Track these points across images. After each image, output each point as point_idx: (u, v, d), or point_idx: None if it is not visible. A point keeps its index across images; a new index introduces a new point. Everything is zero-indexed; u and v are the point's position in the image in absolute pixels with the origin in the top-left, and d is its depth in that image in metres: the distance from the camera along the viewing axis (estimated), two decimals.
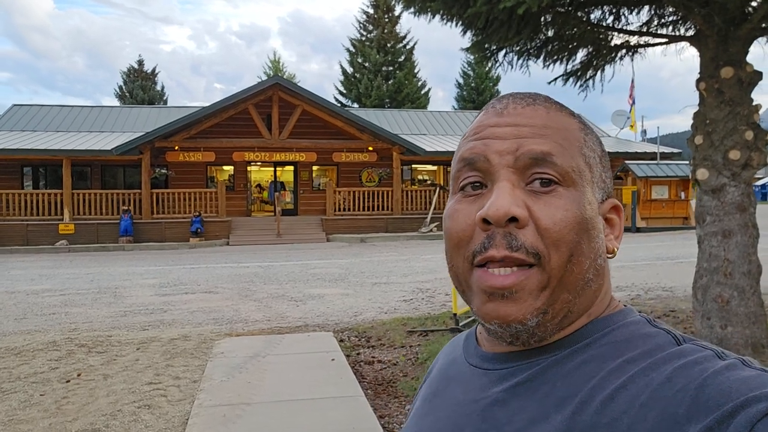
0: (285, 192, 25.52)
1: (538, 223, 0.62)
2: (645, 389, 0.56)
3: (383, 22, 40.16)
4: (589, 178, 0.67)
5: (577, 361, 0.63)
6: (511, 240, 0.62)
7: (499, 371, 0.68)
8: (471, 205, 0.66)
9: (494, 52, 5.82)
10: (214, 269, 13.65)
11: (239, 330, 7.39)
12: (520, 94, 0.71)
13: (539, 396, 0.62)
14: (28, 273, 13.52)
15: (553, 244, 0.62)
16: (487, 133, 0.67)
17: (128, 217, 19.97)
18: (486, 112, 0.70)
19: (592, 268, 0.65)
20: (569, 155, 0.65)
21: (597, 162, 0.69)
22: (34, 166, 23.19)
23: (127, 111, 27.47)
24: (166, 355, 6.16)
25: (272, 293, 10.09)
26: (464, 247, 0.65)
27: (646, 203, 22.02)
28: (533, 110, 0.67)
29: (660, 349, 0.60)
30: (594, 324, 0.66)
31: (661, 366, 0.58)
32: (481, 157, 0.66)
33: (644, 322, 0.66)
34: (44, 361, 6.05)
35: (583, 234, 0.63)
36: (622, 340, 0.63)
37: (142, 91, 44.54)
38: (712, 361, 0.57)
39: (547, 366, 0.64)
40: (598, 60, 6.05)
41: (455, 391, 0.72)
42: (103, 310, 8.81)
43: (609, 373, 0.60)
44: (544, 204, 0.63)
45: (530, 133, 0.65)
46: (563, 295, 0.63)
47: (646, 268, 12.15)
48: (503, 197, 0.62)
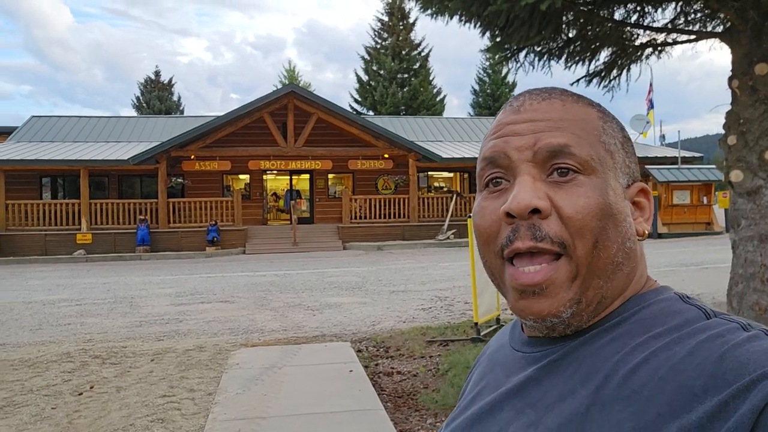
0: (301, 200, 25.45)
1: (560, 212, 0.64)
2: (666, 363, 0.57)
3: (398, 30, 40.11)
4: (611, 164, 0.68)
5: (606, 339, 0.64)
6: (535, 231, 0.63)
7: (535, 354, 0.70)
8: (496, 200, 0.68)
9: (515, 52, 5.65)
10: (230, 278, 13.55)
11: (255, 340, 7.24)
12: (537, 89, 0.72)
13: (569, 373, 0.64)
14: (46, 283, 13.51)
15: (577, 231, 0.63)
16: (506, 131, 0.69)
17: (145, 226, 19.99)
18: (504, 111, 0.72)
19: (621, 252, 0.65)
20: (587, 144, 0.66)
21: (619, 148, 0.70)
22: (52, 176, 23.34)
23: (144, 121, 27.61)
24: (181, 367, 6.02)
25: (288, 302, 9.94)
26: (493, 242, 0.67)
27: (667, 208, 21.65)
28: (549, 104, 0.69)
29: (688, 324, 0.61)
30: (626, 304, 0.67)
31: (685, 340, 0.59)
32: (501, 154, 0.68)
33: (676, 299, 0.66)
34: (57, 372, 5.94)
35: (607, 219, 0.64)
36: (650, 317, 0.64)
37: (159, 102, 44.87)
38: (735, 333, 0.57)
39: (577, 345, 0.66)
40: (623, 59, 5.85)
41: (499, 373, 0.75)
42: (119, 320, 8.72)
43: (634, 348, 0.61)
44: (565, 193, 0.64)
45: (547, 127, 0.67)
46: (594, 281, 0.64)
47: (671, 274, 11.86)
48: (524, 190, 0.64)
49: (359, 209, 22.36)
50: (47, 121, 26.02)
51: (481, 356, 0.87)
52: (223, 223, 21.01)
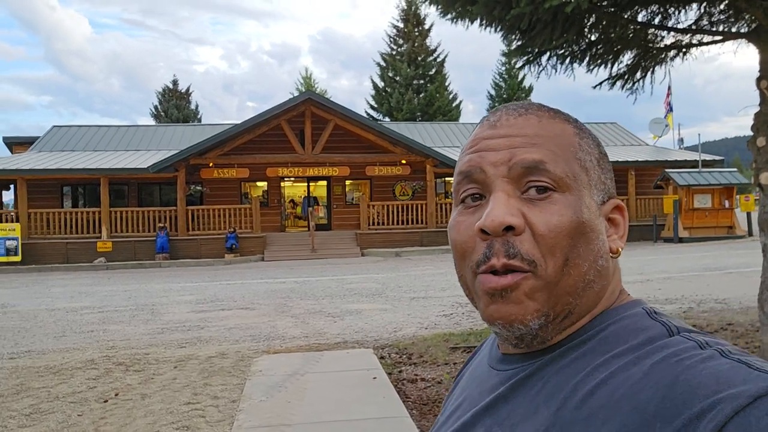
0: (318, 207, 25.51)
1: (533, 229, 0.64)
2: (623, 384, 0.57)
3: (413, 36, 40.16)
4: (586, 181, 0.68)
5: (571, 357, 0.65)
6: (508, 248, 0.64)
7: (508, 371, 0.70)
8: (471, 216, 0.68)
9: (537, 55, 5.61)
10: (250, 285, 13.59)
11: (277, 347, 7.24)
12: (514, 104, 0.72)
13: (534, 392, 0.65)
14: (68, 290, 13.64)
15: (548, 250, 0.63)
16: (481, 146, 0.70)
17: (164, 234, 20.13)
18: (481, 126, 0.72)
19: (593, 270, 0.66)
20: (563, 161, 0.67)
21: (594, 165, 0.70)
22: (73, 185, 23.60)
23: (162, 130, 27.86)
24: (204, 374, 6.03)
25: (309, 309, 9.94)
26: (468, 257, 0.67)
27: (688, 212, 21.39)
28: (525, 120, 0.69)
29: (649, 343, 0.60)
30: (594, 320, 0.67)
31: (643, 360, 0.58)
32: (477, 169, 0.68)
33: (643, 314, 0.66)
34: (82, 380, 5.97)
35: (579, 237, 0.65)
36: (614, 334, 0.64)
37: (176, 110, 45.26)
38: (690, 352, 0.57)
39: (544, 363, 0.66)
40: (647, 62, 5.79)
41: (474, 390, 0.75)
42: (141, 328, 8.76)
43: (595, 368, 0.61)
44: (539, 210, 0.65)
45: (522, 142, 0.67)
46: (563, 297, 0.65)
47: (695, 279, 11.70)
48: (498, 207, 0.64)
49: (377, 215, 22.35)
50: (68, 131, 26.35)
51: (465, 369, 0.88)
52: (242, 231, 21.10)
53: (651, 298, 9.46)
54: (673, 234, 21.22)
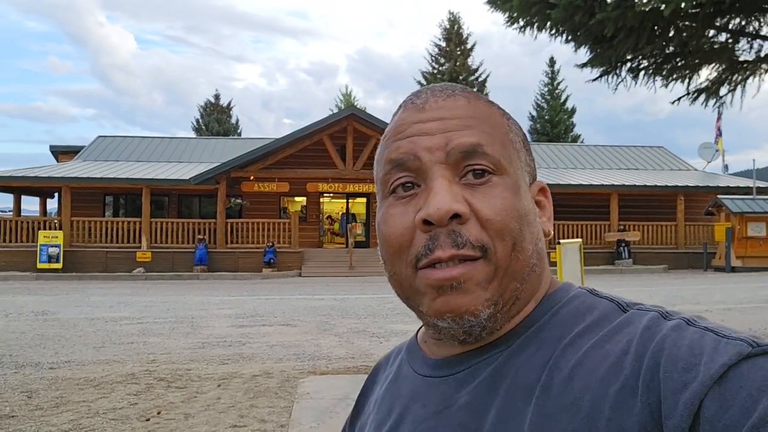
0: (356, 224, 25.26)
1: (479, 214, 0.61)
2: (602, 363, 0.55)
3: (455, 55, 39.98)
4: (518, 163, 0.66)
5: (532, 347, 0.62)
6: (456, 237, 0.60)
7: (458, 375, 0.65)
8: (406, 206, 0.63)
9: (617, 65, 5.23)
10: (288, 301, 13.32)
11: (322, 367, 6.90)
12: (437, 86, 0.68)
13: (503, 391, 0.60)
14: (107, 300, 13.55)
15: (497, 234, 0.61)
16: (412, 131, 0.65)
17: (203, 246, 20.08)
18: (405, 109, 0.67)
19: (535, 253, 0.64)
20: (498, 143, 0.64)
21: (522, 146, 0.68)
22: (115, 195, 23.84)
23: (204, 143, 28.05)
24: (249, 394, 5.71)
25: (352, 328, 9.59)
26: (405, 252, 0.63)
27: (741, 241, 20.54)
28: (454, 101, 0.66)
29: (606, 319, 0.60)
30: (540, 307, 0.65)
31: (614, 336, 0.57)
32: (410, 156, 0.63)
33: (587, 293, 0.66)
34: (123, 395, 5.71)
35: (522, 220, 0.62)
36: (569, 316, 0.63)
37: (217, 124, 45.76)
38: (659, 323, 0.56)
39: (504, 359, 0.62)
40: (735, 75, 5.36)
41: (413, 407, 0.67)
42: (181, 341, 8.52)
43: (563, 351, 0.59)
44: (481, 195, 0.62)
45: (456, 125, 0.63)
46: (511, 284, 0.62)
47: (757, 311, 11.04)
48: (442, 194, 0.60)
49: None
50: (112, 141, 26.70)
51: (371, 384, 0.82)
52: (280, 245, 20.94)
53: None
54: (725, 263, 20.35)
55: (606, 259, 21.56)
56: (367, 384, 0.83)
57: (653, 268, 20.98)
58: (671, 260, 21.87)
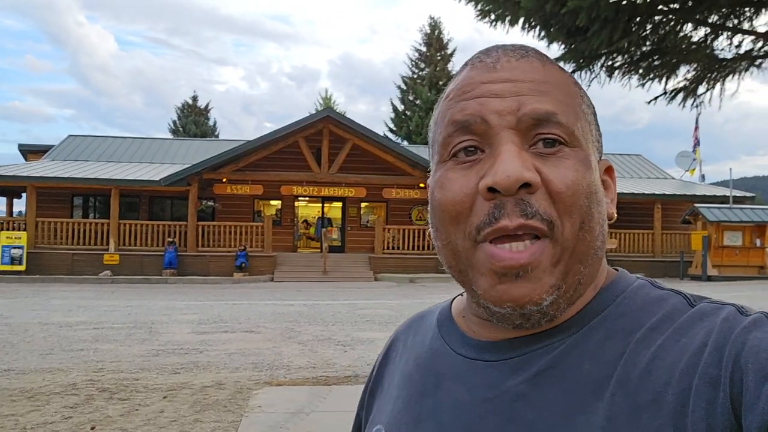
0: (332, 228, 24.85)
1: (549, 186, 0.56)
2: (681, 356, 0.52)
3: (435, 60, 39.82)
4: (590, 137, 0.61)
5: (597, 338, 0.58)
6: (525, 207, 0.55)
7: (509, 361, 0.60)
8: (467, 171, 0.58)
9: (590, 60, 4.94)
10: (256, 306, 12.89)
11: (280, 378, 6.51)
12: (510, 45, 0.62)
13: (568, 383, 0.56)
14: (68, 303, 13.01)
15: (566, 210, 0.56)
16: (480, 91, 0.59)
17: (173, 249, 19.53)
18: (473, 67, 0.61)
19: (601, 235, 0.60)
20: (572, 113, 0.59)
21: (593, 120, 0.64)
22: (84, 196, 23.18)
23: (178, 143, 27.48)
24: (196, 407, 5.31)
25: (317, 335, 9.21)
26: (464, 221, 0.58)
27: (717, 250, 20.49)
28: (528, 63, 0.60)
29: (678, 312, 0.57)
30: (602, 295, 0.61)
31: (689, 329, 0.54)
32: (478, 118, 0.58)
33: (649, 285, 0.62)
34: (58, 407, 5.27)
35: (592, 197, 0.58)
36: (636, 308, 0.59)
37: (195, 126, 45.12)
38: (737, 317, 0.53)
39: (567, 348, 0.58)
40: (714, 73, 5.10)
41: (454, 389, 0.62)
42: (135, 348, 8.07)
43: (636, 344, 0.55)
44: (553, 165, 0.57)
45: (530, 89, 0.58)
46: (575, 266, 0.57)
47: None
48: (512, 161, 0.55)
49: (392, 240, 21.64)
50: (83, 140, 26.03)
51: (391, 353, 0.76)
52: (252, 249, 20.46)
53: None
54: (701, 272, 20.27)
55: None
56: (385, 354, 0.77)
57: None
58: (648, 268, 21.76)
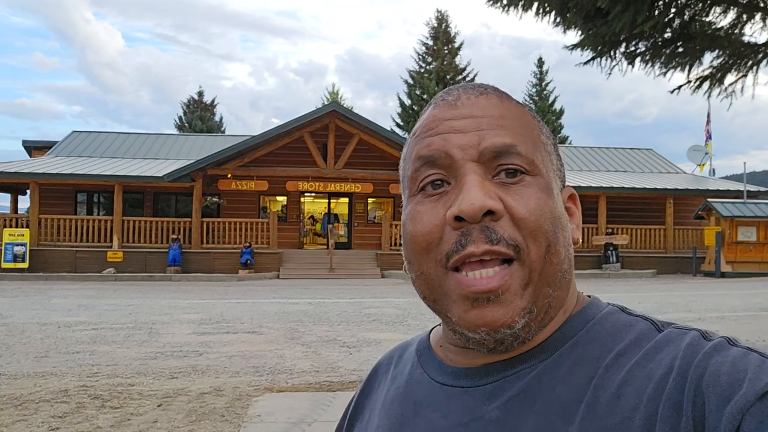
0: (338, 224, 24.56)
1: (512, 213, 0.58)
2: (648, 381, 0.54)
3: (443, 54, 39.37)
4: (551, 166, 0.64)
5: (568, 363, 0.59)
6: (489, 233, 0.57)
7: (484, 387, 0.61)
8: (435, 204, 0.61)
9: (612, 46, 4.59)
10: (261, 305, 12.61)
11: (282, 383, 6.22)
12: (469, 84, 0.67)
13: (539, 408, 0.57)
14: (68, 302, 12.77)
15: (530, 234, 0.58)
16: (443, 128, 0.63)
17: (177, 246, 19.30)
18: (437, 106, 0.65)
19: (567, 259, 0.62)
20: (531, 143, 0.62)
21: (553, 150, 0.66)
22: (88, 192, 22.98)
23: (183, 139, 27.23)
24: (191, 416, 5.02)
25: (322, 336, 8.91)
26: (434, 250, 0.60)
27: (731, 245, 20.05)
28: (487, 100, 0.64)
29: (645, 338, 0.58)
30: (572, 321, 0.63)
31: (655, 355, 0.56)
32: (442, 153, 0.61)
33: (618, 311, 0.64)
34: (46, 417, 4.99)
35: (556, 222, 0.60)
36: (605, 334, 0.61)
37: (200, 122, 44.88)
38: (700, 342, 0.55)
39: (539, 374, 0.60)
40: (745, 60, 4.74)
41: (431, 416, 0.63)
42: (133, 350, 7.80)
43: (606, 369, 0.57)
44: (515, 194, 0.59)
45: (489, 124, 0.61)
46: (544, 289, 0.60)
47: (752, 320, 10.49)
48: (475, 190, 0.58)
49: (399, 236, 21.30)
50: (87, 136, 25.82)
51: (372, 383, 0.77)
52: (258, 246, 20.20)
53: None
54: (715, 268, 19.86)
55: (593, 263, 21.01)
56: (366, 383, 0.78)
57: (641, 272, 20.46)
58: (660, 265, 21.37)
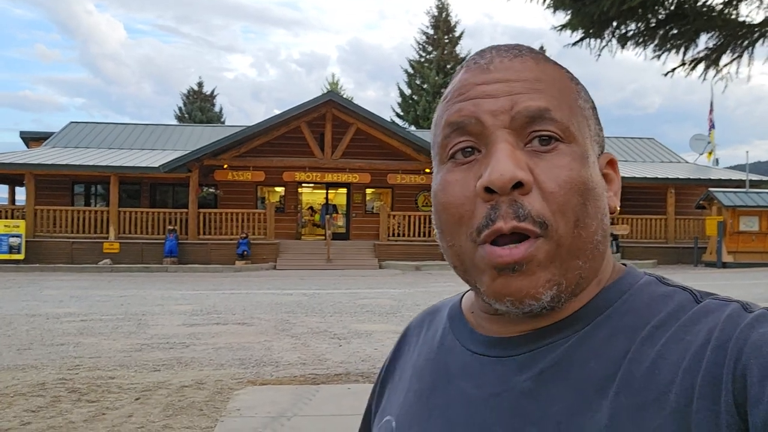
0: (337, 215, 24.41)
1: (542, 186, 0.57)
2: (684, 354, 0.53)
3: (443, 43, 39.06)
4: (588, 132, 0.62)
5: (602, 335, 0.58)
6: (517, 209, 0.56)
7: (516, 358, 0.60)
8: (466, 173, 0.59)
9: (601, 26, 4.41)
10: (254, 296, 12.48)
11: (266, 376, 6.08)
12: (504, 45, 0.63)
13: (573, 381, 0.56)
14: (60, 294, 12.66)
15: (559, 209, 0.56)
16: (475, 92, 0.60)
17: (173, 237, 19.16)
18: (468, 69, 0.62)
19: (600, 230, 0.59)
20: (567, 108, 0.60)
21: (591, 114, 0.64)
22: (86, 183, 22.84)
23: (181, 129, 27.06)
24: (168, 411, 4.88)
25: (313, 328, 8.78)
26: (466, 223, 0.58)
27: (733, 236, 19.85)
28: (522, 62, 0.61)
29: (683, 310, 0.57)
30: (607, 292, 0.61)
31: (693, 327, 0.54)
32: (472, 119, 0.59)
33: (656, 281, 0.62)
34: (20, 411, 4.86)
35: (588, 194, 0.58)
36: (642, 305, 0.59)
37: (200, 113, 44.68)
38: (741, 314, 0.53)
39: (572, 345, 0.58)
40: (740, 40, 4.55)
41: (463, 385, 0.63)
42: (119, 342, 7.67)
43: (641, 343, 0.56)
44: (547, 164, 0.57)
45: (523, 88, 0.59)
46: (574, 262, 0.58)
47: None
48: (505, 161, 0.56)
49: (397, 226, 21.15)
50: (84, 127, 25.65)
51: (403, 347, 0.77)
52: (255, 237, 20.05)
53: None
54: (716, 258, 19.66)
55: None
56: (397, 346, 0.78)
57: (642, 263, 20.28)
58: (661, 255, 21.19)
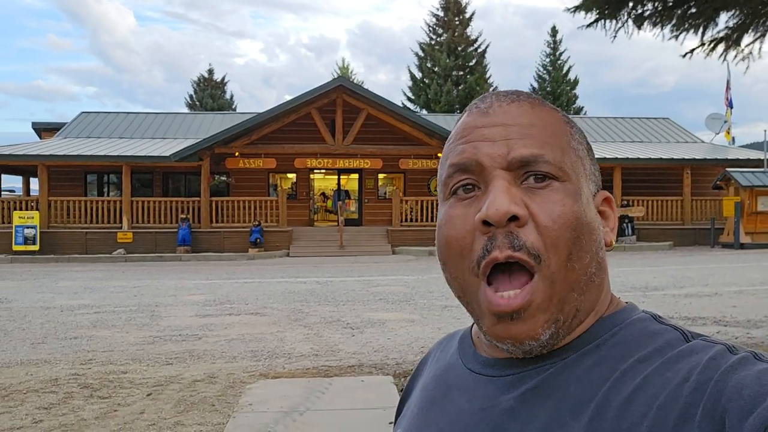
0: (349, 201, 24.33)
1: (536, 220, 0.60)
2: (662, 390, 0.54)
3: (454, 25, 38.60)
4: (582, 171, 0.65)
5: (588, 363, 0.60)
6: (513, 239, 0.59)
7: (505, 378, 0.64)
8: (467, 208, 0.63)
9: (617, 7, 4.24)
10: (268, 285, 12.46)
11: (279, 368, 6.03)
12: (503, 92, 0.68)
13: (552, 403, 0.59)
14: (75, 285, 12.71)
15: (551, 243, 0.59)
16: (475, 136, 0.65)
17: (186, 226, 19.19)
18: (470, 113, 0.67)
19: (594, 262, 0.62)
20: (560, 150, 0.63)
21: (585, 155, 0.67)
22: (99, 173, 22.91)
23: (192, 117, 27.03)
24: (180, 406, 4.84)
25: (326, 317, 8.73)
26: (467, 256, 0.62)
27: (751, 216, 19.55)
28: (518, 107, 0.65)
29: (670, 347, 0.58)
30: (601, 323, 0.64)
31: (675, 364, 0.56)
32: (473, 161, 0.63)
33: (650, 319, 0.64)
34: (32, 408, 4.85)
35: (582, 229, 0.61)
36: (631, 339, 0.61)
37: (211, 100, 44.63)
38: (725, 356, 0.55)
39: (558, 370, 0.61)
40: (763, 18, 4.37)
41: (457, 399, 0.67)
42: (132, 335, 7.67)
43: (623, 374, 0.58)
44: (541, 200, 0.61)
45: (518, 133, 0.63)
46: (569, 294, 0.61)
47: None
48: (501, 196, 0.60)
49: (410, 211, 21.04)
50: (96, 117, 25.69)
51: (420, 371, 0.81)
52: (268, 224, 20.04)
53: (729, 319, 7.98)
54: (733, 239, 19.39)
55: None
56: (417, 368, 0.82)
57: (658, 245, 20.05)
58: (677, 237, 20.93)
